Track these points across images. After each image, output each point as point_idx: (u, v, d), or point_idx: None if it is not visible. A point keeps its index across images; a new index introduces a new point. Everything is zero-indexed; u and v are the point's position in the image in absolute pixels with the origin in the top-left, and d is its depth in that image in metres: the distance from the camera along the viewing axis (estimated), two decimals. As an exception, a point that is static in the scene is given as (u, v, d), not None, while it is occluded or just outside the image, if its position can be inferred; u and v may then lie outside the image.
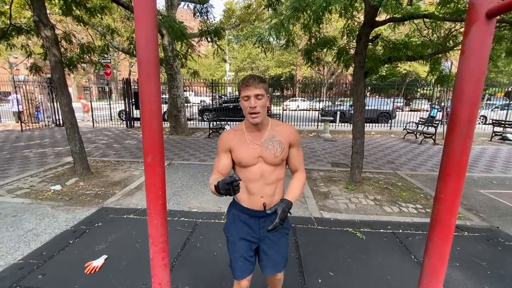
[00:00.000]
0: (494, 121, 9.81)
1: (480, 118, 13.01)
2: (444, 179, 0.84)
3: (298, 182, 1.38)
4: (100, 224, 3.02)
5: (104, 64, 10.76)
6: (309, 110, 15.99)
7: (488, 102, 14.08)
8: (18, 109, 10.42)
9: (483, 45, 0.74)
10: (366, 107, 7.03)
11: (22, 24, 5.56)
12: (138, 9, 0.78)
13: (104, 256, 2.39)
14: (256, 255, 1.46)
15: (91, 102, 11.52)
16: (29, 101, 10.52)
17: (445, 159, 0.83)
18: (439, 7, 3.88)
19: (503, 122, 9.58)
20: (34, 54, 6.27)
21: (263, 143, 1.30)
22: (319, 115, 12.62)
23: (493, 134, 9.59)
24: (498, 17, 3.63)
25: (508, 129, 9.50)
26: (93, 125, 11.35)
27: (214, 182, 1.18)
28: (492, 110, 13.31)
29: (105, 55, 8.84)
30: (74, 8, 5.10)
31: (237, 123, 11.83)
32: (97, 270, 2.23)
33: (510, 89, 13.00)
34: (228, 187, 1.07)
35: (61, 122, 10.38)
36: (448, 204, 0.86)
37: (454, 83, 0.81)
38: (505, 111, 12.11)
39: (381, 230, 3.00)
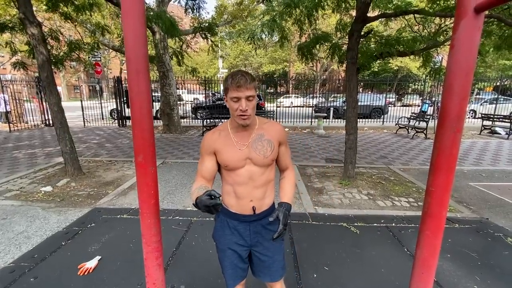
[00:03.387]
0: (483, 115, 10.01)
1: (469, 112, 13.26)
2: (435, 173, 0.85)
3: (290, 181, 1.33)
4: (93, 225, 2.98)
5: (94, 62, 10.57)
6: (302, 107, 16.04)
7: (478, 96, 14.34)
8: (6, 109, 10.17)
9: (472, 40, 0.75)
10: (359, 103, 7.08)
11: (7, 21, 5.39)
12: (125, 4, 0.76)
13: (98, 257, 2.37)
14: (248, 262, 1.40)
15: (81, 101, 11.29)
16: (17, 101, 10.27)
17: (436, 153, 0.84)
18: (430, 3, 3.92)
19: (492, 116, 9.78)
20: (20, 52, 6.10)
21: (251, 143, 1.22)
22: (313, 111, 12.67)
23: (482, 128, 9.79)
24: (487, 12, 3.68)
25: (497, 123, 9.71)
26: (84, 125, 11.15)
27: (195, 193, 1.08)
28: (481, 105, 13.57)
29: (95, 53, 8.68)
30: (61, 5, 4.97)
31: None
32: (90, 271, 2.20)
33: (498, 84, 13.26)
34: (209, 209, 0.98)
35: (51, 122, 10.15)
36: (439, 197, 0.87)
37: (444, 77, 0.81)
38: (493, 105, 12.37)
39: (375, 224, 3.04)
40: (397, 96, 21.70)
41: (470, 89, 0.80)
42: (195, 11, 7.77)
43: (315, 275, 2.18)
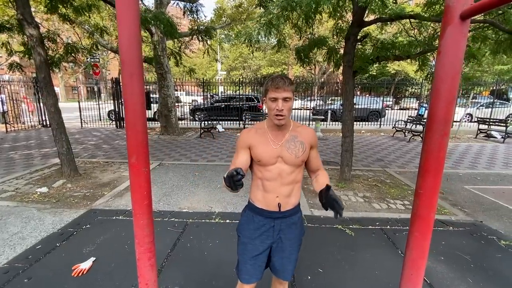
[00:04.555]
0: (479, 119, 10.09)
1: (466, 116, 13.36)
2: (423, 175, 0.87)
3: (325, 175, 1.38)
4: (88, 226, 2.97)
5: (93, 63, 10.57)
6: (300, 109, 16.10)
7: (474, 100, 14.47)
8: (3, 109, 10.12)
9: (458, 45, 0.77)
10: (357, 106, 7.12)
11: (5, 22, 5.38)
12: (120, 7, 0.78)
13: (92, 259, 2.36)
14: (267, 260, 1.43)
15: (79, 102, 11.25)
16: (14, 102, 10.22)
17: (424, 156, 0.86)
18: (425, 9, 3.97)
19: (487, 120, 9.88)
20: (16, 53, 6.08)
21: (284, 143, 1.30)
22: (311, 114, 12.72)
23: (478, 132, 9.87)
24: (482, 17, 3.71)
25: (492, 127, 9.80)
26: (82, 126, 11.12)
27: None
28: (477, 108, 13.68)
29: (94, 54, 8.68)
30: (60, 6, 4.98)
31: (229, 122, 11.86)
32: (84, 272, 2.20)
33: (494, 88, 13.40)
34: (229, 180, 1.03)
35: (48, 123, 10.11)
36: (427, 199, 0.89)
37: (432, 82, 0.83)
38: (489, 109, 12.47)
39: (370, 227, 3.06)
40: (394, 99, 21.83)
41: (456, 93, 0.82)
42: (193, 13, 7.80)
43: (309, 277, 2.19)
